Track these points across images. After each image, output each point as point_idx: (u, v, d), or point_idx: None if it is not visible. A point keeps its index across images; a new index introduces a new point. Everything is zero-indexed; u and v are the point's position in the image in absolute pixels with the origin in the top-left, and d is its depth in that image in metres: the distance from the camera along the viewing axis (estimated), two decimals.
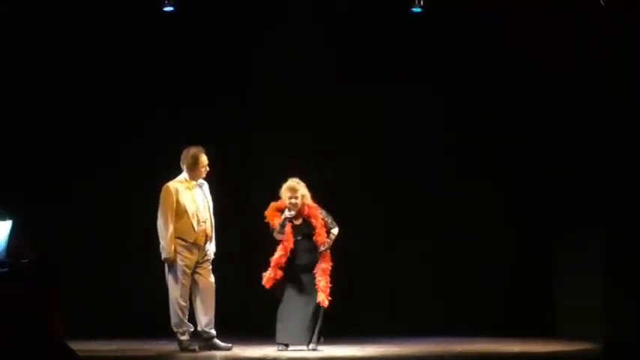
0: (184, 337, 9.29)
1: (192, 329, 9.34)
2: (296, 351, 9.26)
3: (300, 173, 9.54)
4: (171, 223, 9.21)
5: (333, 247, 9.40)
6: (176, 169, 9.43)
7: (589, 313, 10.08)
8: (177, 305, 9.25)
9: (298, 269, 9.38)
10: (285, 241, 9.32)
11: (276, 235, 9.37)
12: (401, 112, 11.40)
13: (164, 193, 9.30)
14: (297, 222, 9.39)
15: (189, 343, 9.27)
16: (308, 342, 9.28)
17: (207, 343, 9.36)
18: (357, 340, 10.11)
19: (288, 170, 9.62)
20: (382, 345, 9.84)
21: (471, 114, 11.30)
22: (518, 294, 11.11)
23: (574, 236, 10.57)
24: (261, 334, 9.98)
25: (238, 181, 11.27)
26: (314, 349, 9.28)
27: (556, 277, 10.89)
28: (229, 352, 9.28)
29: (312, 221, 9.36)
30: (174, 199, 9.26)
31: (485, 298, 11.13)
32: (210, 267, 9.43)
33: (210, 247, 9.44)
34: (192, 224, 9.28)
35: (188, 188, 9.37)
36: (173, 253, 9.21)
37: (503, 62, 10.99)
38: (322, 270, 9.33)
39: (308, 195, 9.40)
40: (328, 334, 9.49)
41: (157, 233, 9.26)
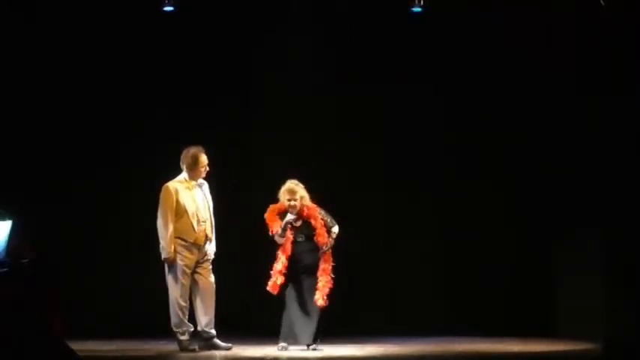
0: (184, 337, 9.28)
1: (192, 329, 9.33)
2: (296, 351, 9.26)
3: (301, 173, 9.55)
4: (171, 223, 9.20)
5: (333, 246, 9.40)
6: (176, 169, 9.43)
7: (589, 313, 10.08)
8: (177, 305, 9.24)
9: (301, 270, 9.37)
10: (284, 245, 9.32)
11: (278, 239, 9.36)
12: (401, 112, 11.40)
13: (164, 193, 9.30)
14: (297, 224, 9.39)
15: (189, 343, 9.27)
16: (308, 342, 9.28)
17: (207, 343, 9.35)
18: (357, 340, 10.11)
19: (288, 170, 9.63)
20: (382, 345, 9.84)
21: (471, 114, 11.29)
22: (518, 294, 11.10)
23: (574, 236, 10.57)
24: (261, 334, 9.98)
25: (238, 181, 11.26)
26: (314, 349, 9.28)
27: (556, 277, 10.89)
28: (229, 352, 9.28)
29: (312, 222, 9.37)
30: (174, 199, 9.25)
31: (485, 298, 11.13)
32: (210, 267, 9.41)
33: (211, 247, 9.43)
34: (192, 224, 9.28)
35: (188, 188, 9.36)
36: (173, 253, 9.21)
37: (503, 62, 10.99)
38: (322, 270, 9.33)
39: (307, 196, 9.39)
40: (328, 334, 9.49)
41: (156, 233, 9.26)
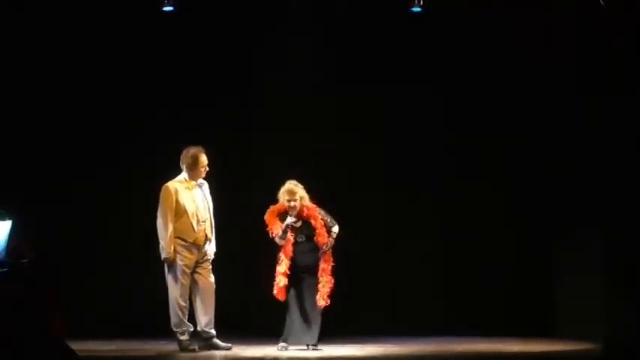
0: (184, 337, 9.28)
1: (192, 329, 9.33)
2: (296, 351, 9.26)
3: (300, 174, 9.55)
4: (170, 223, 9.20)
5: (333, 246, 9.40)
6: (176, 169, 9.43)
7: (589, 313, 10.08)
8: (177, 305, 9.24)
9: (301, 271, 9.37)
10: (285, 247, 9.32)
11: (278, 240, 9.36)
12: (401, 112, 11.39)
13: (164, 192, 9.29)
14: (297, 224, 9.38)
15: (188, 343, 9.27)
16: (312, 342, 9.28)
17: (206, 343, 9.35)
18: (357, 340, 10.11)
19: (288, 171, 9.63)
20: (382, 345, 9.84)
21: (471, 114, 11.29)
22: (518, 294, 11.10)
23: (574, 236, 10.56)
24: (261, 334, 9.99)
25: (238, 181, 11.25)
26: (314, 348, 9.29)
27: (556, 277, 10.88)
28: (229, 352, 9.28)
29: (312, 222, 9.37)
30: (173, 199, 9.25)
31: (485, 298, 11.13)
32: (210, 267, 9.42)
33: (210, 247, 9.43)
34: (191, 224, 9.27)
35: (188, 188, 9.36)
36: (173, 253, 9.20)
37: (503, 62, 10.99)
38: (322, 270, 9.33)
39: (306, 196, 9.39)
40: (328, 334, 9.49)
41: (156, 233, 9.26)
